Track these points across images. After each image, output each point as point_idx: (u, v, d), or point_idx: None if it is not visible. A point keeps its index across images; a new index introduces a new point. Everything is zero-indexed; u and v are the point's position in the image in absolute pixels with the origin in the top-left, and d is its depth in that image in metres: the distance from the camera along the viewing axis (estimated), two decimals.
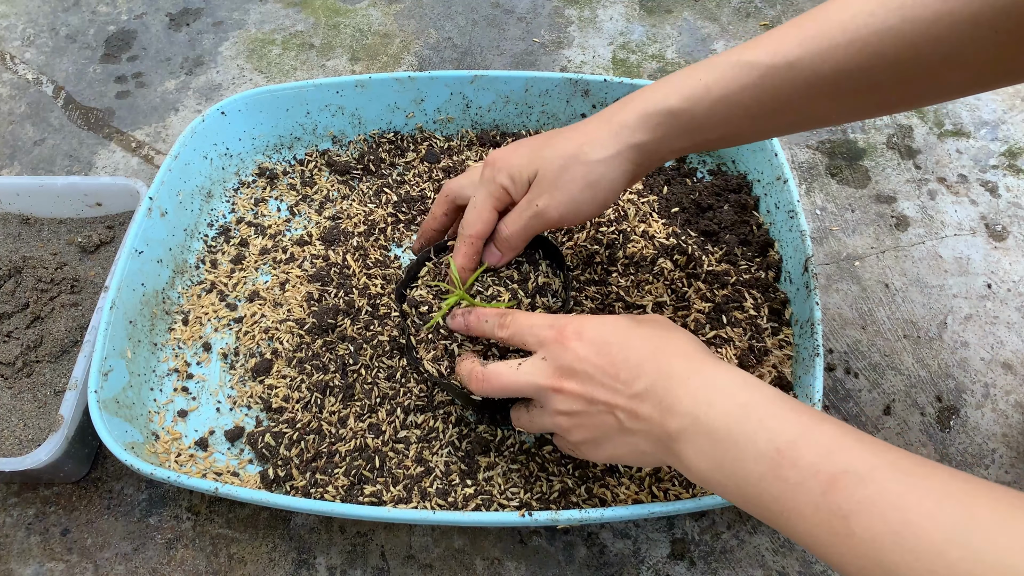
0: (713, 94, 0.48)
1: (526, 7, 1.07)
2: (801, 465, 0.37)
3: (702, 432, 0.41)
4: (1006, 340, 0.72)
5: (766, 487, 0.38)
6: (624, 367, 0.45)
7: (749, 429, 0.39)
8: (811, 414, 0.40)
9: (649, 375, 0.44)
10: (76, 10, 1.10)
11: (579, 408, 0.47)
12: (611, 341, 0.47)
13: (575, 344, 0.47)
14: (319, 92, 0.80)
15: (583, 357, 0.46)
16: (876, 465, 0.36)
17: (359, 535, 0.63)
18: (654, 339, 0.46)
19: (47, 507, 0.65)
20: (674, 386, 0.43)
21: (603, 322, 0.48)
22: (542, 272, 0.57)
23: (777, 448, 0.38)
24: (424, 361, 0.56)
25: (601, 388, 0.46)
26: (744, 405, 0.41)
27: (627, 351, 0.46)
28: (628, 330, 0.47)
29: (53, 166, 0.91)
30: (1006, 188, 0.83)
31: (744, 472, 0.39)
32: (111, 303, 0.64)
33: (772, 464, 0.38)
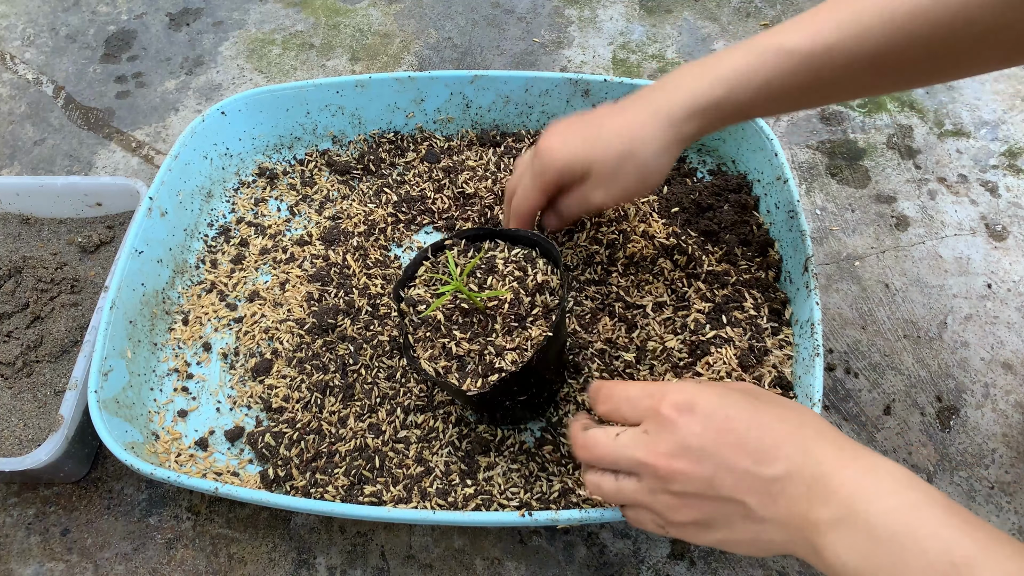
0: (755, 82, 0.50)
1: (526, 7, 1.07)
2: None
3: (860, 528, 0.36)
4: (1006, 340, 0.72)
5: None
6: (757, 447, 0.40)
7: (920, 535, 0.35)
8: (988, 529, 0.36)
9: (791, 458, 0.39)
10: (76, 10, 1.10)
11: (694, 490, 0.41)
12: (734, 416, 0.41)
13: (684, 418, 0.42)
14: (319, 92, 0.80)
15: (697, 434, 0.41)
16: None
17: (359, 535, 0.63)
18: (789, 418, 0.41)
19: (47, 507, 0.65)
20: (826, 472, 0.38)
21: (715, 393, 0.43)
22: (540, 270, 0.57)
23: (952, 563, 0.34)
24: (421, 360, 0.56)
25: (726, 470, 0.40)
26: (915, 506, 0.36)
27: (759, 430, 0.41)
28: (753, 405, 0.42)
29: (53, 166, 0.91)
30: (1006, 188, 0.83)
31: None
32: (111, 303, 0.64)
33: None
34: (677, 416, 0.42)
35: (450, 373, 0.55)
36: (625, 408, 0.46)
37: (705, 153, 0.81)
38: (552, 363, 0.58)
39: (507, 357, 0.54)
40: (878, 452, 0.40)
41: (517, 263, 0.58)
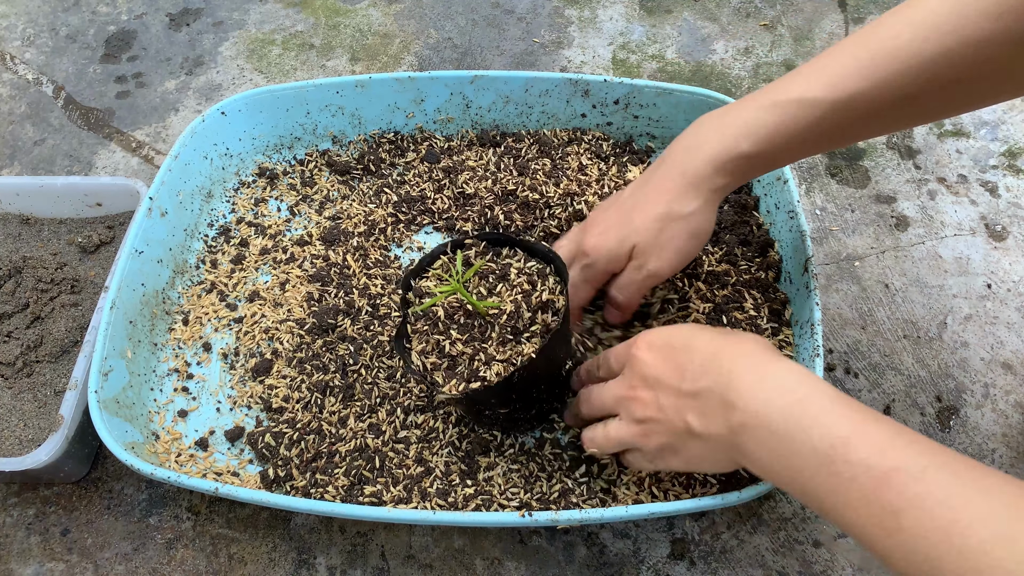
0: (780, 136, 0.51)
1: (526, 7, 1.07)
2: (853, 461, 0.38)
3: (762, 426, 0.42)
4: (1006, 340, 0.72)
5: (820, 481, 0.40)
6: (688, 368, 0.47)
7: (805, 424, 0.41)
8: (865, 412, 0.41)
9: (710, 374, 0.46)
10: (76, 10, 1.10)
11: (651, 414, 0.49)
12: (675, 345, 0.49)
13: (644, 354, 0.50)
14: (319, 92, 0.80)
15: (651, 363, 0.49)
16: (927, 465, 0.37)
17: (359, 535, 0.63)
18: (716, 341, 0.48)
19: (47, 507, 0.65)
20: (734, 382, 0.44)
21: (669, 330, 0.51)
22: (548, 288, 0.57)
23: (831, 444, 0.39)
24: (413, 352, 0.56)
25: (669, 392, 0.48)
26: (801, 401, 0.42)
27: (690, 353, 0.48)
28: (691, 334, 0.49)
29: (53, 166, 0.91)
30: (1006, 188, 0.83)
31: (800, 465, 0.41)
32: (111, 303, 0.64)
33: (826, 459, 0.39)
34: (640, 354, 0.50)
35: (437, 371, 0.55)
36: (612, 361, 0.54)
37: None
38: (542, 383, 0.58)
39: (493, 368, 0.54)
40: (791, 362, 0.45)
41: (529, 276, 0.58)
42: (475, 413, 0.60)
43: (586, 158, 0.78)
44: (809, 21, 1.03)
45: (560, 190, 0.74)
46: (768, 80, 0.96)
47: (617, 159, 0.79)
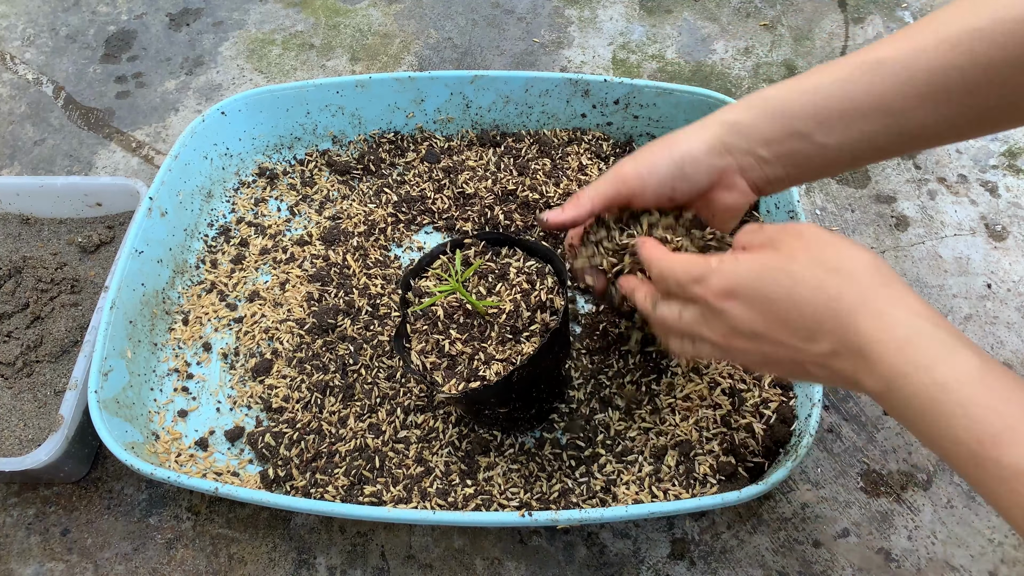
0: (806, 84, 0.50)
1: (526, 7, 1.07)
2: (1005, 463, 0.35)
3: (900, 400, 0.39)
4: (1006, 340, 0.72)
5: (963, 465, 0.37)
6: (800, 326, 0.42)
7: (947, 412, 0.37)
8: (1018, 400, 0.37)
9: (833, 334, 0.41)
10: (76, 10, 1.10)
11: (758, 360, 0.45)
12: (773, 298, 0.43)
13: (730, 305, 0.44)
14: (319, 92, 0.80)
15: (744, 319, 0.44)
16: None
17: (359, 535, 0.63)
18: (823, 286, 0.42)
19: (47, 507, 0.65)
20: (864, 347, 0.40)
21: (753, 274, 0.44)
22: (547, 287, 0.57)
23: (978, 440, 0.36)
24: (412, 351, 0.56)
25: (779, 346, 0.43)
26: (943, 386, 0.38)
27: (797, 307, 0.42)
28: (787, 279, 0.43)
29: (53, 166, 0.91)
30: (1006, 188, 0.83)
31: (941, 449, 0.38)
32: (111, 303, 0.64)
33: (971, 454, 0.36)
34: (723, 303, 0.44)
35: (437, 370, 0.55)
36: (676, 291, 0.48)
37: None
38: (542, 382, 0.58)
39: (492, 367, 0.54)
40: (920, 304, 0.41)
41: (528, 275, 0.58)
42: (475, 413, 0.60)
43: (586, 158, 0.79)
44: (809, 21, 1.03)
45: (560, 190, 0.74)
46: (768, 80, 0.96)
47: (617, 159, 0.79)
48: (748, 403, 0.61)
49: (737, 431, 0.60)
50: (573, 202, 0.55)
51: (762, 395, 0.61)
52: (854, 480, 0.64)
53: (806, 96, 0.50)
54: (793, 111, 0.50)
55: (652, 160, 0.53)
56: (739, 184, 0.53)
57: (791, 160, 0.51)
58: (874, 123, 0.49)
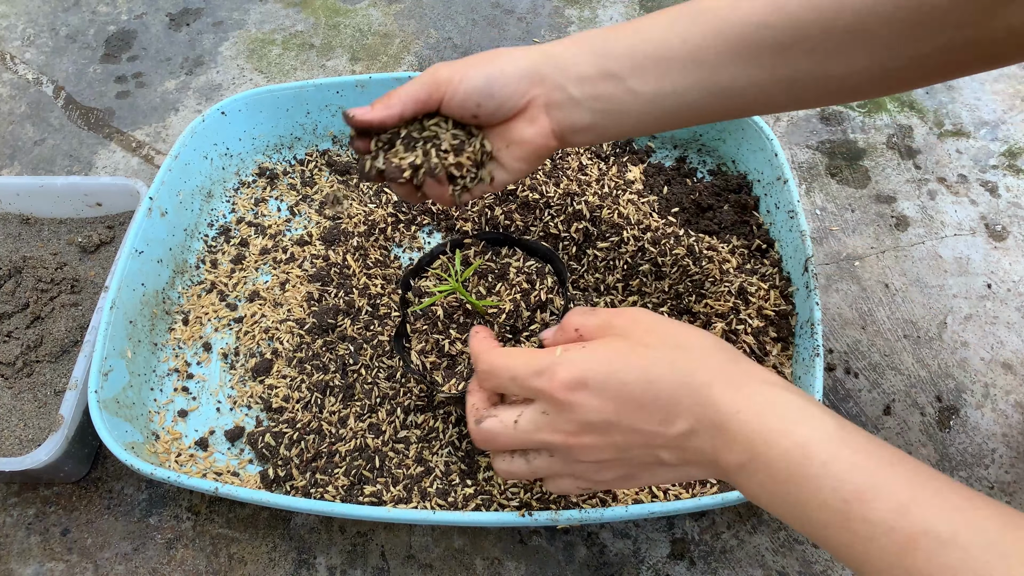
0: (626, 26, 0.48)
1: (526, 7, 1.07)
2: (873, 520, 0.34)
3: (762, 470, 0.38)
4: (1006, 340, 0.72)
5: (833, 534, 0.35)
6: (655, 408, 0.40)
7: (811, 473, 0.36)
8: (879, 454, 0.36)
9: (690, 411, 0.40)
10: (76, 10, 1.10)
11: (607, 457, 0.42)
12: (627, 381, 0.40)
13: (580, 397, 0.41)
14: (319, 92, 0.80)
15: (597, 408, 0.41)
16: (958, 527, 0.32)
17: (359, 535, 0.63)
18: (676, 364, 0.41)
19: (47, 507, 0.65)
20: (723, 420, 0.39)
21: (603, 359, 0.41)
22: (547, 287, 0.57)
23: (844, 499, 0.35)
24: (412, 351, 0.56)
25: (632, 434, 0.41)
26: (804, 445, 0.37)
27: (652, 388, 0.40)
28: (642, 360, 0.41)
29: (53, 166, 0.91)
30: (1006, 188, 0.83)
31: (808, 516, 0.36)
32: (111, 303, 0.64)
33: (839, 515, 0.35)
34: (572, 396, 0.41)
35: (437, 370, 0.55)
36: (512, 388, 0.44)
37: (705, 153, 0.81)
38: None
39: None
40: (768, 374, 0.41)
41: (528, 275, 0.58)
42: None
43: (586, 158, 0.78)
44: None
45: (560, 190, 0.74)
46: None
47: (617, 159, 0.79)
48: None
49: None
50: (384, 101, 0.51)
51: None
52: None
53: (627, 38, 0.48)
54: (612, 51, 0.48)
55: (466, 70, 0.50)
56: (541, 120, 0.50)
57: (601, 104, 0.49)
58: (687, 76, 0.47)
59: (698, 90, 0.48)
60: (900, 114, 0.91)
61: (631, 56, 0.48)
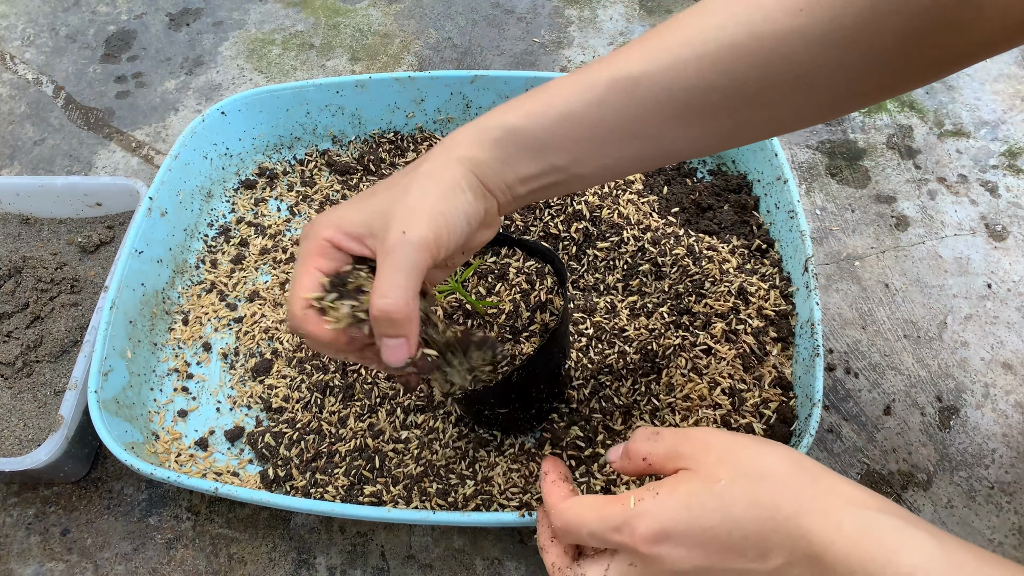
0: (554, 110, 0.44)
1: (526, 7, 1.07)
2: None
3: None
4: (1006, 340, 0.72)
5: None
6: (745, 547, 0.39)
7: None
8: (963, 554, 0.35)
9: (782, 546, 0.38)
10: (76, 10, 1.10)
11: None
12: (708, 527, 0.39)
13: (665, 550, 0.40)
14: (319, 92, 0.80)
15: (685, 558, 0.40)
16: None
17: (359, 535, 0.63)
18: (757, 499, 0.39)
19: (47, 507, 0.65)
20: (818, 553, 0.37)
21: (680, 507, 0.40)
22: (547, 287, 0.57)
23: None
24: None
25: (729, 573, 0.40)
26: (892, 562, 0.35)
27: (738, 529, 0.39)
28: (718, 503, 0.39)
29: (53, 166, 0.91)
30: (1006, 188, 0.83)
31: None
32: (111, 303, 0.64)
33: None
34: (657, 549, 0.40)
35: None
36: (592, 542, 0.43)
37: None
38: (542, 383, 0.57)
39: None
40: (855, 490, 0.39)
41: (527, 275, 0.58)
42: (475, 413, 0.60)
43: None
44: None
45: None
46: None
47: None
48: (748, 403, 0.61)
49: (737, 431, 0.60)
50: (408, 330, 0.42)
51: (762, 395, 0.62)
52: (854, 480, 0.64)
53: (559, 127, 0.44)
54: (549, 144, 0.44)
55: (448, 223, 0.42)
56: (497, 219, 0.48)
57: (544, 191, 0.47)
58: (628, 148, 0.45)
59: (638, 157, 0.46)
60: (900, 114, 0.91)
61: (570, 148, 0.44)
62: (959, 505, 0.63)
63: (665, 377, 0.63)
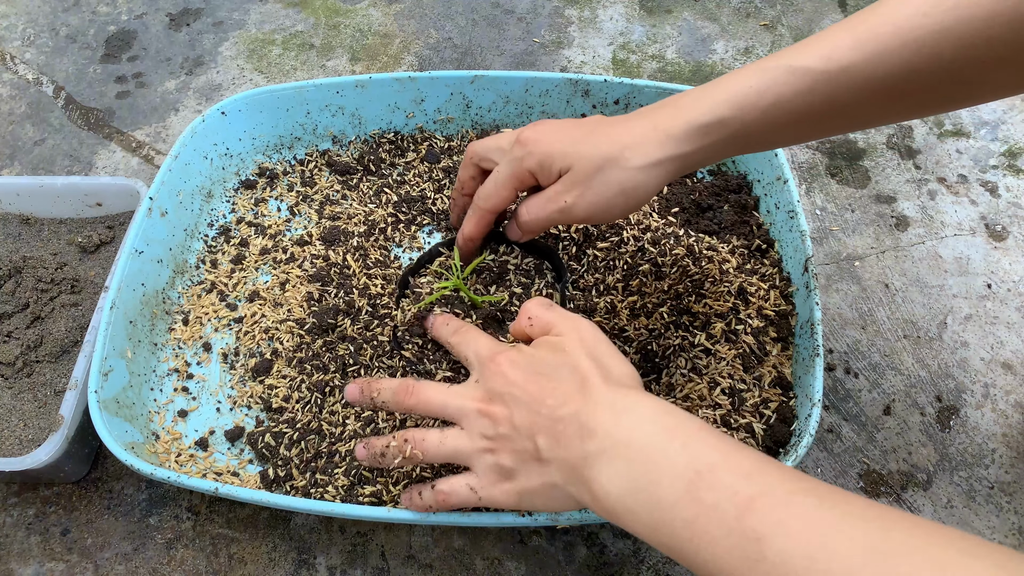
0: (765, 101, 0.47)
1: (526, 7, 1.07)
2: (718, 487, 0.36)
3: (620, 453, 0.40)
4: (1006, 340, 0.72)
5: (679, 511, 0.37)
6: (552, 394, 0.45)
7: (670, 450, 0.39)
8: (736, 443, 0.39)
9: (575, 402, 0.44)
10: (76, 10, 1.10)
11: (503, 431, 0.46)
12: (541, 372, 0.46)
13: (506, 368, 0.47)
14: (319, 92, 0.80)
15: (512, 381, 0.46)
16: (795, 490, 0.35)
17: (359, 535, 0.63)
18: (582, 369, 0.46)
19: (47, 507, 0.65)
20: (598, 411, 0.43)
21: (539, 355, 0.48)
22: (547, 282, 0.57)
23: (696, 470, 0.38)
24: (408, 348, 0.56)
25: (527, 412, 0.45)
26: (668, 429, 0.40)
27: (555, 382, 0.45)
28: (559, 360, 0.47)
29: (53, 166, 0.91)
30: (1006, 188, 0.83)
31: (659, 495, 0.38)
32: (111, 303, 0.64)
33: (689, 485, 0.37)
34: (501, 366, 0.47)
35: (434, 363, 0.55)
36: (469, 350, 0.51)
37: None
38: None
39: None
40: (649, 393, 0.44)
41: (526, 272, 0.58)
42: None
43: None
44: (809, 21, 1.03)
45: None
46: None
47: None
48: (748, 403, 0.61)
49: (737, 431, 0.60)
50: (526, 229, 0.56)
51: (762, 395, 0.62)
52: (854, 480, 0.64)
53: (767, 116, 0.47)
54: (751, 133, 0.48)
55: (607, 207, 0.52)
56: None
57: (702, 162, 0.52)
58: (818, 130, 0.49)
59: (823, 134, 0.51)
60: None
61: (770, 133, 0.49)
62: (959, 505, 0.63)
63: (665, 377, 0.63)
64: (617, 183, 0.50)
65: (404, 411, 0.51)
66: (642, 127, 0.50)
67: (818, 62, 0.45)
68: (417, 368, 0.57)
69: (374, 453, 0.51)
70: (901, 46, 0.43)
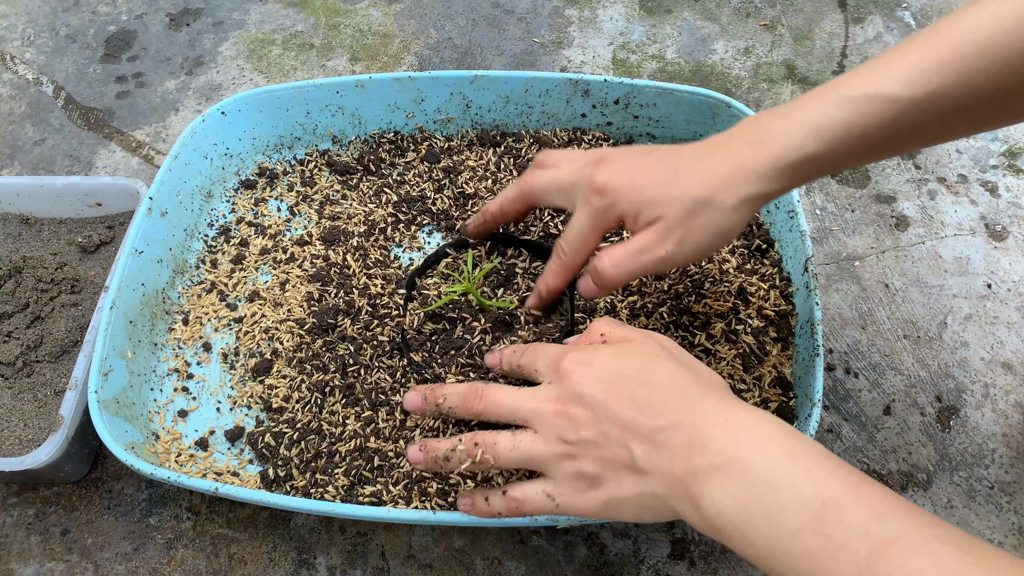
0: (853, 135, 0.45)
1: (526, 7, 1.07)
2: (848, 524, 0.34)
3: (738, 472, 0.38)
4: (1006, 340, 0.72)
5: (802, 541, 0.35)
6: (645, 403, 0.42)
7: (796, 478, 0.37)
8: (861, 475, 0.37)
9: (677, 412, 0.41)
10: (76, 10, 1.10)
11: (586, 436, 0.43)
12: (627, 374, 0.44)
13: (585, 370, 0.44)
14: (319, 92, 0.80)
15: (594, 384, 0.44)
16: (932, 537, 0.33)
17: (359, 535, 0.63)
18: (679, 376, 0.43)
19: (47, 507, 0.65)
20: (708, 424, 0.40)
21: (615, 353, 0.45)
22: None
23: (824, 502, 0.35)
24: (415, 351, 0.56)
25: (616, 418, 0.42)
26: (791, 453, 0.38)
27: (649, 387, 0.43)
28: (647, 364, 0.44)
29: (53, 166, 0.91)
30: (1006, 188, 0.83)
31: (780, 522, 0.36)
32: (111, 303, 0.64)
33: (816, 518, 0.35)
34: (580, 372, 0.44)
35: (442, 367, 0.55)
36: (539, 360, 0.48)
37: None
38: None
39: None
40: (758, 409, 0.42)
41: (534, 276, 0.58)
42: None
43: None
44: (809, 21, 1.03)
45: None
46: (768, 80, 0.96)
47: None
48: (748, 403, 0.61)
49: None
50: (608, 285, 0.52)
51: (762, 395, 0.62)
52: None
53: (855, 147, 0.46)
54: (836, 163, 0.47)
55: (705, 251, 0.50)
56: None
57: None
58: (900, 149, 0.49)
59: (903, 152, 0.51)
60: None
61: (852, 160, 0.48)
62: (959, 505, 0.63)
63: None
64: (715, 225, 0.48)
65: (472, 416, 0.48)
66: (727, 166, 0.48)
67: (904, 89, 0.44)
68: (424, 372, 0.57)
69: (435, 457, 0.49)
70: (987, 65, 0.42)
